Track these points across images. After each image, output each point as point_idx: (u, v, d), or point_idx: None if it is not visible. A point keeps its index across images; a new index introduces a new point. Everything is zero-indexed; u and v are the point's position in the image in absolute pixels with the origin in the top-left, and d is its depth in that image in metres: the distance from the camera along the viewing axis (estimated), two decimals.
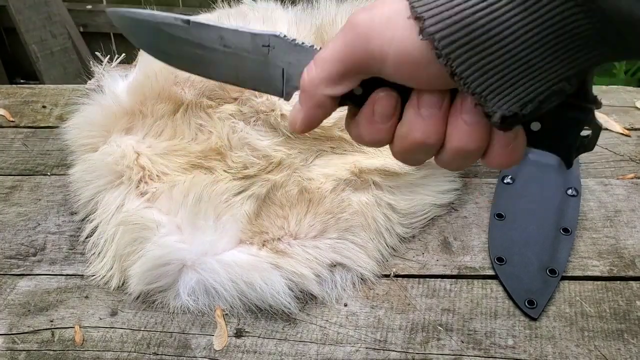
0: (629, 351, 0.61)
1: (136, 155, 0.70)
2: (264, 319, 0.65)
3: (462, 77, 0.35)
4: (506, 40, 0.34)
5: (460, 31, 0.34)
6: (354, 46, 0.37)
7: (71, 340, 0.63)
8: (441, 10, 0.34)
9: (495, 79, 0.35)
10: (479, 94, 0.35)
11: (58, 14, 1.97)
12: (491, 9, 0.34)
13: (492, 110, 0.36)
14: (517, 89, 0.35)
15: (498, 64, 0.35)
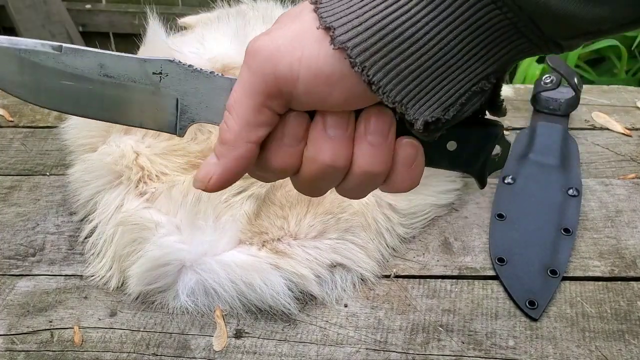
0: (630, 352, 0.61)
1: (135, 155, 0.70)
2: (264, 320, 0.65)
3: (380, 85, 0.34)
4: (420, 42, 0.33)
5: (372, 37, 0.33)
6: (262, 73, 0.35)
7: (70, 341, 0.63)
8: (351, 18, 0.33)
9: (414, 85, 0.34)
10: (399, 102, 0.34)
11: (57, 13, 1.97)
12: (401, 11, 0.33)
13: (414, 118, 0.35)
14: (437, 93, 0.34)
15: (415, 68, 0.33)
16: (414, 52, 0.33)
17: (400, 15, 0.33)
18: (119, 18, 2.12)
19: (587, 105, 0.94)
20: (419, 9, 0.32)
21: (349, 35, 0.33)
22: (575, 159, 0.82)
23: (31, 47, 0.37)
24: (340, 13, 0.33)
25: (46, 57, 0.37)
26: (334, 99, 0.35)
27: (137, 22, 2.01)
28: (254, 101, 0.36)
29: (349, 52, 0.33)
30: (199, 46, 0.74)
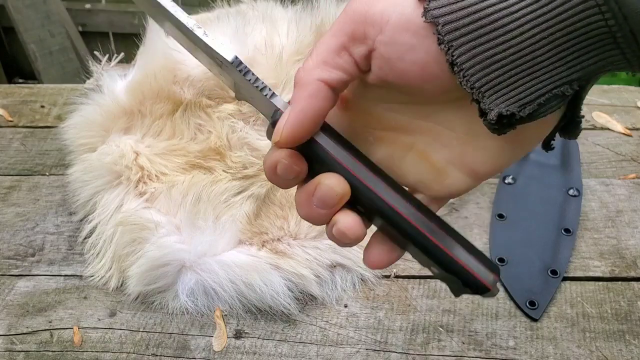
0: (631, 352, 0.61)
1: (135, 155, 0.70)
2: (264, 320, 0.65)
3: (462, 68, 0.33)
4: (511, 33, 0.32)
5: (465, 18, 0.32)
6: (353, 13, 0.35)
7: (70, 341, 0.63)
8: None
9: (496, 74, 0.33)
10: (478, 88, 0.34)
11: (57, 13, 1.97)
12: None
13: (489, 108, 0.34)
14: (517, 88, 0.34)
15: (501, 58, 0.33)
16: (503, 41, 0.32)
17: (498, 2, 0.32)
18: (119, 18, 2.12)
19: (588, 105, 0.94)
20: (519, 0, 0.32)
21: (442, 10, 0.33)
22: (575, 159, 0.82)
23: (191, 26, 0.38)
24: None
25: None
26: (411, 61, 0.34)
27: (137, 21, 2.01)
28: (336, 40, 0.35)
29: (439, 28, 0.33)
30: None
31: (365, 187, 0.37)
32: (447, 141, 0.38)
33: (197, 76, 0.71)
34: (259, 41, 0.72)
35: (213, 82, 0.71)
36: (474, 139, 0.37)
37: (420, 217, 0.37)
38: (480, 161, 0.37)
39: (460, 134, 0.37)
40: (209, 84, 0.71)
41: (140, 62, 0.77)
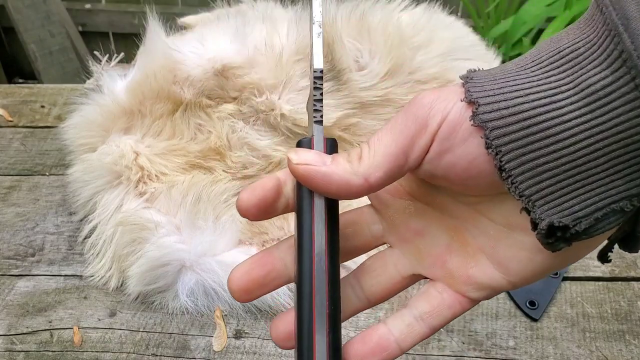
0: (631, 352, 0.61)
1: (135, 155, 0.70)
2: (264, 320, 0.65)
3: (511, 174, 0.31)
4: (565, 142, 0.30)
5: (515, 124, 0.31)
6: (414, 115, 0.33)
7: (70, 341, 0.63)
8: (498, 100, 0.31)
9: (547, 184, 0.31)
10: (527, 197, 0.31)
11: (57, 13, 1.97)
12: (553, 106, 0.30)
13: (540, 217, 0.31)
14: (571, 200, 0.31)
15: (553, 167, 0.31)
16: (555, 150, 0.30)
17: (551, 110, 0.30)
18: (119, 18, 2.12)
19: None
20: (573, 108, 0.30)
21: (491, 115, 0.31)
22: None
23: None
24: (489, 91, 0.32)
25: None
26: (459, 155, 0.33)
27: (137, 21, 2.02)
28: (398, 143, 0.33)
29: (487, 132, 0.31)
30: (199, 46, 0.74)
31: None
32: (484, 228, 0.36)
33: (197, 76, 0.71)
34: (259, 41, 0.72)
35: (213, 82, 0.71)
36: (512, 233, 0.35)
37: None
38: (514, 258, 0.35)
39: (499, 224, 0.35)
40: (209, 84, 0.71)
41: (140, 62, 0.77)
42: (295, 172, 0.34)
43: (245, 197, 0.34)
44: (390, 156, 0.33)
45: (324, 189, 0.34)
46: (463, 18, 0.95)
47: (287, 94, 0.70)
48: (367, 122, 0.71)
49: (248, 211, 0.34)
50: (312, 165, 0.34)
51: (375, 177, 0.33)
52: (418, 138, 0.33)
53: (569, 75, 0.30)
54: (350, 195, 0.34)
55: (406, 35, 0.75)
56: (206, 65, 0.71)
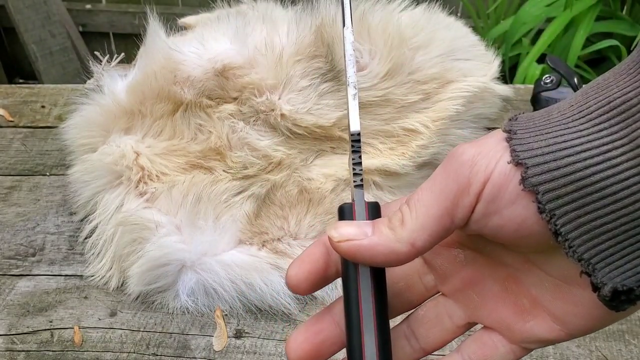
0: (630, 352, 0.61)
1: (135, 155, 0.70)
2: (264, 320, 0.65)
3: (568, 238, 0.30)
4: (624, 202, 0.28)
5: (568, 186, 0.29)
6: (456, 174, 0.31)
7: (70, 341, 0.63)
8: (547, 160, 0.29)
9: (607, 245, 0.29)
10: (587, 260, 0.30)
11: (57, 13, 1.97)
12: (608, 164, 0.28)
13: (602, 282, 0.30)
14: (633, 260, 0.29)
15: (611, 228, 0.29)
16: (613, 210, 0.29)
17: (605, 169, 0.28)
18: (119, 18, 2.12)
19: None
20: (629, 166, 0.28)
21: (542, 178, 0.29)
22: None
23: None
24: (537, 150, 0.30)
25: None
26: (508, 217, 0.31)
27: (137, 22, 2.02)
28: (441, 204, 0.32)
29: (539, 197, 0.30)
30: (199, 46, 0.74)
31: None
32: (540, 282, 0.34)
33: (197, 76, 0.71)
34: (259, 41, 0.72)
35: (213, 82, 0.71)
36: (570, 287, 0.33)
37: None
38: (573, 312, 0.33)
39: (555, 277, 0.33)
40: (209, 84, 0.72)
41: (140, 62, 0.77)
42: (338, 250, 0.33)
43: (294, 273, 0.33)
44: (434, 218, 0.32)
45: (370, 262, 0.33)
46: (463, 18, 0.95)
47: (287, 94, 0.70)
48: (367, 122, 0.71)
49: (299, 287, 0.34)
50: (354, 240, 0.32)
51: (421, 242, 0.32)
52: (461, 198, 0.31)
53: (622, 129, 0.28)
54: (398, 263, 0.32)
55: (406, 35, 0.75)
56: (206, 66, 0.71)
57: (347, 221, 0.33)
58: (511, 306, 0.35)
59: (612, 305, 0.30)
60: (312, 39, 0.73)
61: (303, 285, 0.34)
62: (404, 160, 0.71)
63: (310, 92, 0.71)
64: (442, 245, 0.36)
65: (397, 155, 0.71)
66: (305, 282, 0.34)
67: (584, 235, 0.29)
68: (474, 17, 1.70)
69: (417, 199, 0.32)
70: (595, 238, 0.29)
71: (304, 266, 0.34)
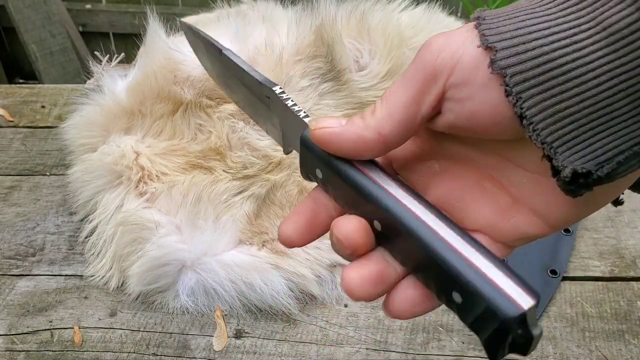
0: (630, 352, 0.61)
1: (135, 155, 0.70)
2: (264, 320, 0.65)
3: (532, 121, 0.30)
4: (587, 84, 0.29)
5: (535, 69, 0.30)
6: (422, 62, 0.33)
7: (70, 341, 0.63)
8: (515, 43, 0.30)
9: (569, 129, 0.30)
10: (549, 143, 0.31)
11: (57, 13, 1.97)
12: (574, 47, 0.29)
13: (563, 165, 0.31)
14: (593, 144, 0.30)
15: (575, 111, 0.30)
16: (577, 93, 0.30)
17: (572, 52, 0.29)
18: (119, 18, 2.12)
19: None
20: (595, 48, 0.29)
21: (510, 61, 0.30)
22: None
23: (210, 40, 0.45)
24: (505, 34, 0.31)
25: (215, 52, 0.45)
26: (481, 100, 0.32)
27: (137, 22, 2.02)
28: (406, 94, 0.33)
29: (507, 79, 0.30)
30: None
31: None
32: (517, 178, 0.35)
33: (197, 76, 0.71)
34: (259, 41, 0.72)
35: (213, 82, 0.71)
36: (546, 179, 0.33)
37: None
38: (550, 204, 0.34)
39: (531, 172, 0.34)
40: (209, 84, 0.72)
41: (140, 62, 0.77)
42: (314, 138, 0.35)
43: (284, 227, 0.35)
44: (401, 106, 0.33)
45: (340, 149, 0.34)
46: (463, 18, 0.95)
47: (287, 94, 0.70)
48: None
49: (290, 239, 0.35)
50: (328, 128, 0.34)
51: (387, 129, 0.33)
52: (428, 86, 0.32)
53: (589, 13, 0.29)
54: (367, 152, 0.34)
55: (406, 35, 0.75)
56: None
57: (328, 116, 0.36)
58: (493, 206, 0.35)
59: (570, 189, 0.31)
60: (312, 39, 0.73)
61: (293, 236, 0.35)
62: None
63: (310, 92, 0.71)
64: (413, 160, 0.37)
65: None
66: (294, 233, 0.35)
67: (548, 119, 0.30)
68: None
69: (390, 91, 0.34)
70: (558, 122, 0.30)
71: (293, 218, 0.35)
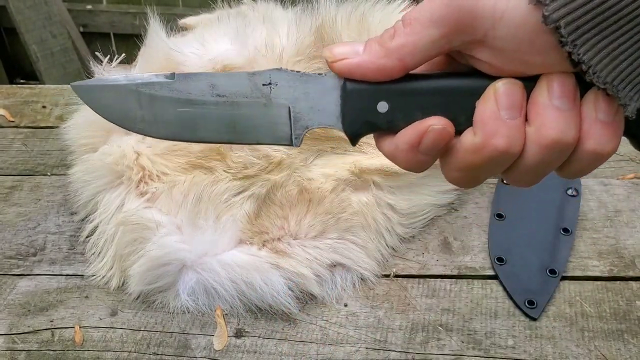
0: (629, 351, 0.61)
1: (136, 155, 0.70)
2: (264, 319, 0.65)
3: (590, 65, 0.31)
4: (638, 20, 0.30)
5: (586, 15, 0.31)
6: (458, 5, 0.33)
7: (71, 341, 0.63)
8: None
9: (625, 65, 0.31)
10: (610, 83, 0.32)
11: (58, 14, 1.97)
12: None
13: (626, 103, 0.32)
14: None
15: (627, 47, 0.31)
16: (628, 30, 0.31)
17: None
18: (120, 18, 2.12)
19: None
20: None
21: (561, 12, 0.31)
22: None
23: (147, 79, 0.38)
24: None
25: (161, 87, 0.38)
26: (530, 52, 0.33)
27: (138, 22, 2.02)
28: (436, 30, 0.33)
29: (562, 30, 0.31)
30: (200, 47, 0.74)
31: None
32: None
33: None
34: (259, 42, 0.73)
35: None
36: None
37: None
38: None
39: None
40: None
41: (141, 62, 0.77)
42: (333, 70, 0.35)
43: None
44: (428, 39, 0.34)
45: (363, 78, 0.35)
46: None
47: None
48: None
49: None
50: (345, 60, 0.34)
51: (409, 57, 0.34)
52: (464, 29, 0.33)
53: None
54: (387, 77, 0.35)
55: None
56: (207, 66, 0.72)
57: (341, 42, 0.36)
58: None
59: (637, 123, 0.33)
60: (312, 40, 0.73)
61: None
62: None
63: None
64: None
65: None
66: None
67: (604, 60, 0.31)
68: None
69: (414, 17, 0.34)
70: (614, 60, 0.31)
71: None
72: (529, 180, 0.37)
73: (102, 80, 0.39)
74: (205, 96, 0.38)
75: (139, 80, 0.38)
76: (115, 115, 0.39)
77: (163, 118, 0.38)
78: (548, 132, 0.34)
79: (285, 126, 0.38)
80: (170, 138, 0.40)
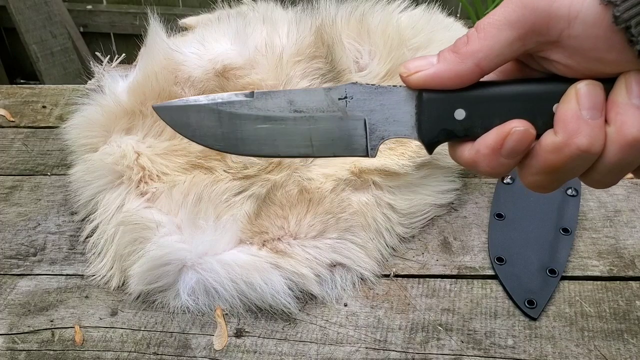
0: (629, 351, 0.61)
1: (136, 155, 0.70)
2: (264, 319, 0.65)
3: None
4: None
5: None
6: (533, 7, 0.34)
7: (71, 340, 0.63)
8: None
9: None
10: None
11: (58, 14, 1.97)
12: None
13: None
14: None
15: None
16: None
17: None
18: (120, 19, 2.12)
19: None
20: None
21: (631, 12, 0.32)
22: None
23: (227, 98, 0.39)
24: None
25: (241, 105, 0.39)
26: (606, 49, 0.34)
27: (138, 22, 2.02)
28: (512, 32, 0.34)
29: (632, 30, 0.32)
30: (200, 47, 0.74)
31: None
32: None
33: (198, 77, 0.72)
34: (259, 42, 0.73)
35: (214, 82, 0.71)
36: None
37: None
38: None
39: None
40: (210, 84, 0.72)
41: (141, 62, 0.77)
42: (409, 84, 0.36)
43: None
44: (505, 42, 0.34)
45: (441, 87, 0.35)
46: (462, 19, 0.96)
47: None
48: None
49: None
50: (421, 72, 0.35)
51: (485, 61, 0.35)
52: (539, 29, 0.34)
53: None
54: (464, 84, 0.36)
55: (405, 36, 0.75)
56: (207, 66, 0.72)
57: (415, 57, 0.36)
58: None
59: None
60: (312, 40, 0.74)
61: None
62: (403, 160, 0.71)
63: None
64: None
65: (397, 155, 0.72)
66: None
67: None
68: (473, 18, 1.70)
69: (488, 22, 0.35)
70: None
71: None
72: (608, 182, 0.38)
73: (183, 101, 0.40)
74: (284, 112, 0.39)
75: (219, 99, 0.39)
76: (197, 134, 0.40)
77: (243, 135, 0.40)
78: (629, 131, 0.34)
79: (361, 138, 0.39)
80: (251, 154, 0.41)
